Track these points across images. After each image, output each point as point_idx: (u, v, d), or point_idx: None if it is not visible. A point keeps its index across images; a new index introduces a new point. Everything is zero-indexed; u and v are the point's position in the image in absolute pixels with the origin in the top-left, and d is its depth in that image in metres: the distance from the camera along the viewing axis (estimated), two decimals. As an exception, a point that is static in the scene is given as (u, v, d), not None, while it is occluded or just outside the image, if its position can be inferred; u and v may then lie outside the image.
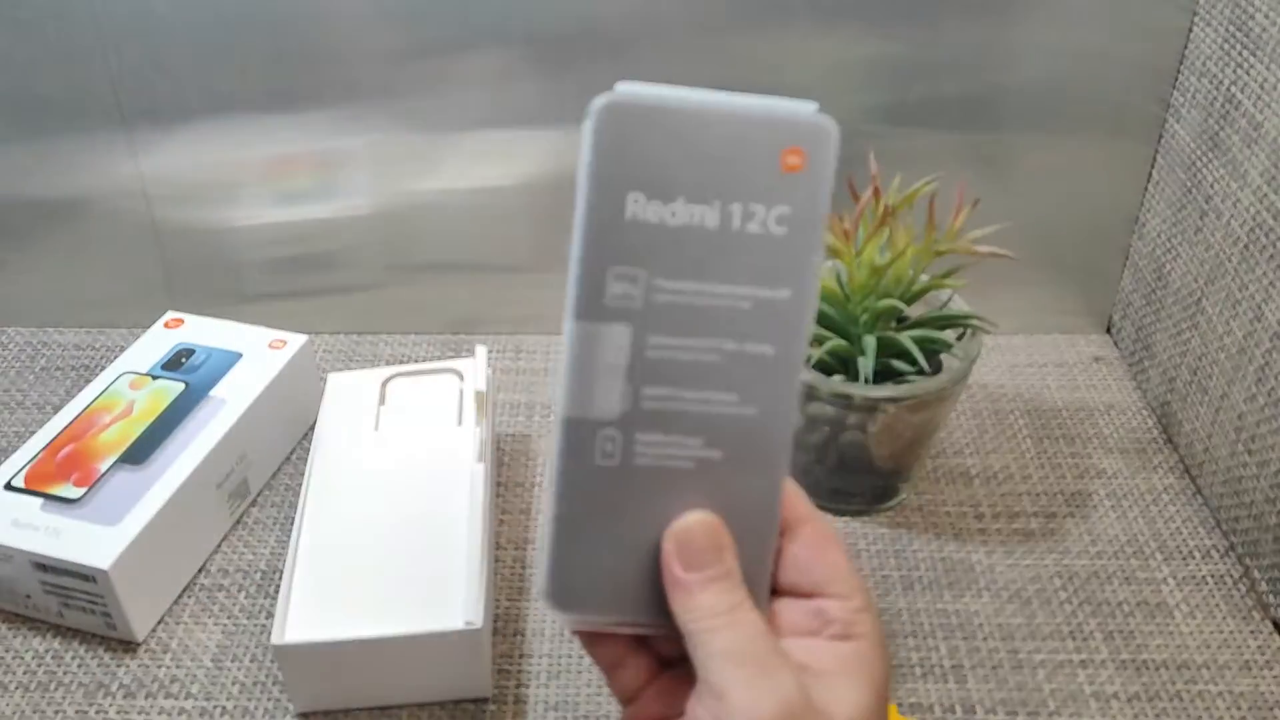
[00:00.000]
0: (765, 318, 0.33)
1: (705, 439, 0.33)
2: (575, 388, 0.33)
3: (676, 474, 0.33)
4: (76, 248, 0.72)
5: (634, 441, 0.33)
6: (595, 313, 0.33)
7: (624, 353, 0.33)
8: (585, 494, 0.33)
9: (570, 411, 0.33)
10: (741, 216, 0.33)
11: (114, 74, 0.66)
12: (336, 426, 0.60)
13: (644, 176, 0.32)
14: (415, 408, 0.61)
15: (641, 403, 0.33)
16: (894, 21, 0.64)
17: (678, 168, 0.33)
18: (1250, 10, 0.58)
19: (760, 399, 0.34)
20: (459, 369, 0.64)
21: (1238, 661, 0.53)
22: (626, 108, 0.33)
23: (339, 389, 0.63)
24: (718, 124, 0.33)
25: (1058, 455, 0.65)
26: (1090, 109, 0.66)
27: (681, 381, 0.33)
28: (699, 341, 0.33)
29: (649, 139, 0.33)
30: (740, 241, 0.33)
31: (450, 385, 0.63)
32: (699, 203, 0.33)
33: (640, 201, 0.33)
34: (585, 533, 0.34)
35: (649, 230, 0.32)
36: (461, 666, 0.50)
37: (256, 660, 0.53)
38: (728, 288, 0.33)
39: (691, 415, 0.33)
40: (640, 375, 0.33)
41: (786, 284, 0.33)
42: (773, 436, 0.34)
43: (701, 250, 0.33)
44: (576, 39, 0.65)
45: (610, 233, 0.32)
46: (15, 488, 0.55)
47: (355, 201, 0.71)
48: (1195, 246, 0.63)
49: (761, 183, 0.33)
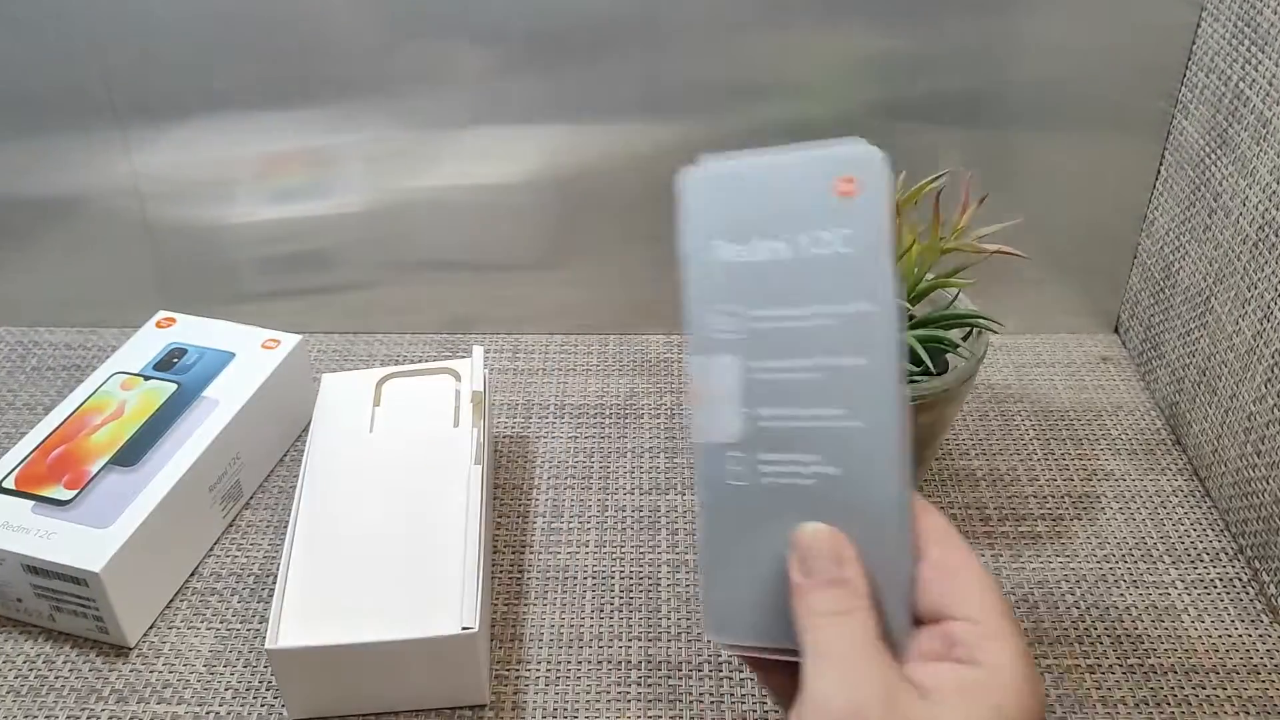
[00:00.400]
0: (851, 332, 0.36)
1: (822, 455, 0.36)
2: (701, 415, 0.37)
3: (801, 492, 0.36)
4: (68, 246, 0.72)
5: (758, 461, 0.36)
6: (705, 347, 0.37)
7: (736, 379, 0.37)
8: (723, 514, 0.37)
9: (700, 436, 0.37)
10: (810, 243, 0.36)
11: (107, 71, 0.65)
12: (331, 428, 0.59)
13: (724, 226, 0.38)
14: (411, 409, 0.61)
15: (759, 423, 0.36)
16: (899, 18, 0.63)
17: (750, 212, 0.38)
18: (1259, 6, 0.57)
19: (864, 411, 0.35)
20: (455, 369, 0.63)
21: (1246, 666, 0.52)
22: (705, 174, 0.39)
23: (333, 390, 0.62)
24: (779, 170, 0.38)
25: (1065, 457, 0.64)
26: (1097, 106, 0.66)
27: (790, 401, 0.36)
28: (798, 362, 0.36)
29: (725, 195, 0.38)
30: (813, 266, 0.36)
31: (446, 386, 0.62)
32: (771, 239, 0.37)
33: (724, 246, 0.38)
34: (727, 555, 0.37)
35: (736, 269, 0.37)
36: (458, 672, 0.49)
37: (250, 665, 0.52)
38: (812, 308, 0.36)
39: (805, 432, 0.36)
40: (753, 398, 0.36)
41: (863, 298, 0.36)
42: (884, 448, 0.35)
43: (783, 279, 0.37)
44: (574, 37, 0.64)
45: (706, 277, 0.38)
46: (6, 490, 0.54)
47: (350, 199, 0.70)
48: (1204, 245, 0.63)
49: (822, 211, 0.36)
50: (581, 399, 0.70)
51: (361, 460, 0.57)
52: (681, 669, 0.52)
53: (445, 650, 0.48)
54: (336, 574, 0.51)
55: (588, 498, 0.62)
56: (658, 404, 0.69)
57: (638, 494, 0.62)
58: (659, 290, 0.74)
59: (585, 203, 0.70)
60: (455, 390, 0.62)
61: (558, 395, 0.70)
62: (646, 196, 0.69)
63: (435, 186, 0.70)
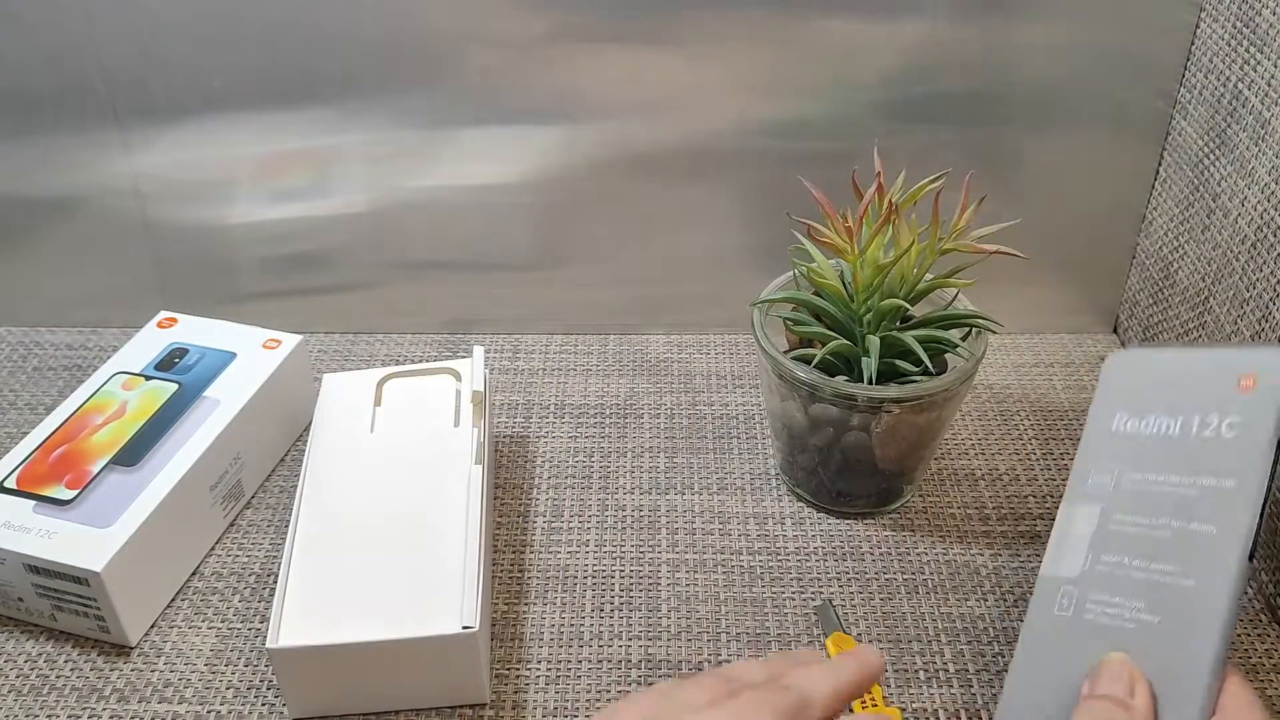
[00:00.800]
0: (1211, 502, 0.39)
1: (1147, 603, 0.39)
2: (1053, 552, 0.42)
3: (1117, 631, 0.39)
4: (69, 247, 0.72)
5: (1086, 598, 0.40)
6: (1078, 498, 0.42)
7: (1092, 525, 0.41)
8: (1041, 637, 0.41)
9: (1046, 570, 0.42)
10: (1199, 425, 0.41)
11: (106, 71, 0.65)
12: (332, 427, 0.59)
13: (1128, 400, 0.43)
14: (412, 409, 0.61)
15: (1097, 566, 0.41)
16: (899, 18, 0.63)
17: (1155, 391, 0.43)
18: (1257, 6, 0.57)
19: (1199, 572, 0.38)
20: (456, 369, 0.63)
21: (1245, 665, 0.52)
22: (1129, 355, 0.45)
23: (334, 389, 0.62)
24: (1194, 361, 0.43)
25: (1064, 457, 0.65)
26: (1096, 106, 0.66)
27: (1133, 551, 0.40)
28: (1152, 520, 0.40)
29: (1141, 377, 0.43)
30: (1196, 444, 0.41)
31: (447, 386, 0.62)
32: (1167, 416, 0.42)
33: (1123, 418, 0.43)
34: (1036, 673, 0.41)
35: (1127, 438, 0.42)
36: (458, 671, 0.49)
37: (251, 664, 0.53)
38: (1181, 478, 0.40)
39: (1137, 580, 0.39)
40: (1100, 543, 0.41)
41: (1233, 476, 0.39)
42: (1209, 608, 0.37)
43: (1164, 450, 0.41)
44: (575, 37, 0.64)
45: (1099, 442, 0.43)
46: (7, 489, 0.54)
47: (350, 199, 0.70)
48: (1202, 245, 0.63)
49: (1219, 399, 0.41)
50: (581, 399, 0.70)
51: (362, 460, 0.57)
52: (681, 668, 0.52)
53: (445, 649, 0.48)
54: (337, 573, 0.51)
55: (588, 498, 0.62)
56: (658, 404, 0.69)
57: (638, 494, 0.62)
58: (659, 290, 0.74)
59: (585, 203, 0.70)
60: (456, 390, 0.62)
61: (558, 395, 0.70)
62: (646, 197, 0.70)
63: (435, 186, 0.70)
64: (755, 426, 0.67)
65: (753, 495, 0.62)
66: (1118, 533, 0.41)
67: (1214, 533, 0.38)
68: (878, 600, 0.56)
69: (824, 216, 0.55)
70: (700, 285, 0.73)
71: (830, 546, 0.59)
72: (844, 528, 0.60)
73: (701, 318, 0.75)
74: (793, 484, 0.62)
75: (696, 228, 0.71)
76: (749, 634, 0.54)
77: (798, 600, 0.56)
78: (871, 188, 0.54)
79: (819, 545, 0.59)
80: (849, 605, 0.55)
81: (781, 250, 0.58)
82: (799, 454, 0.60)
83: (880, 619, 0.55)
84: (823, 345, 0.55)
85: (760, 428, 0.67)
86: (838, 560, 0.58)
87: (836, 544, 0.59)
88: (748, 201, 0.70)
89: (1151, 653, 0.38)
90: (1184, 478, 0.40)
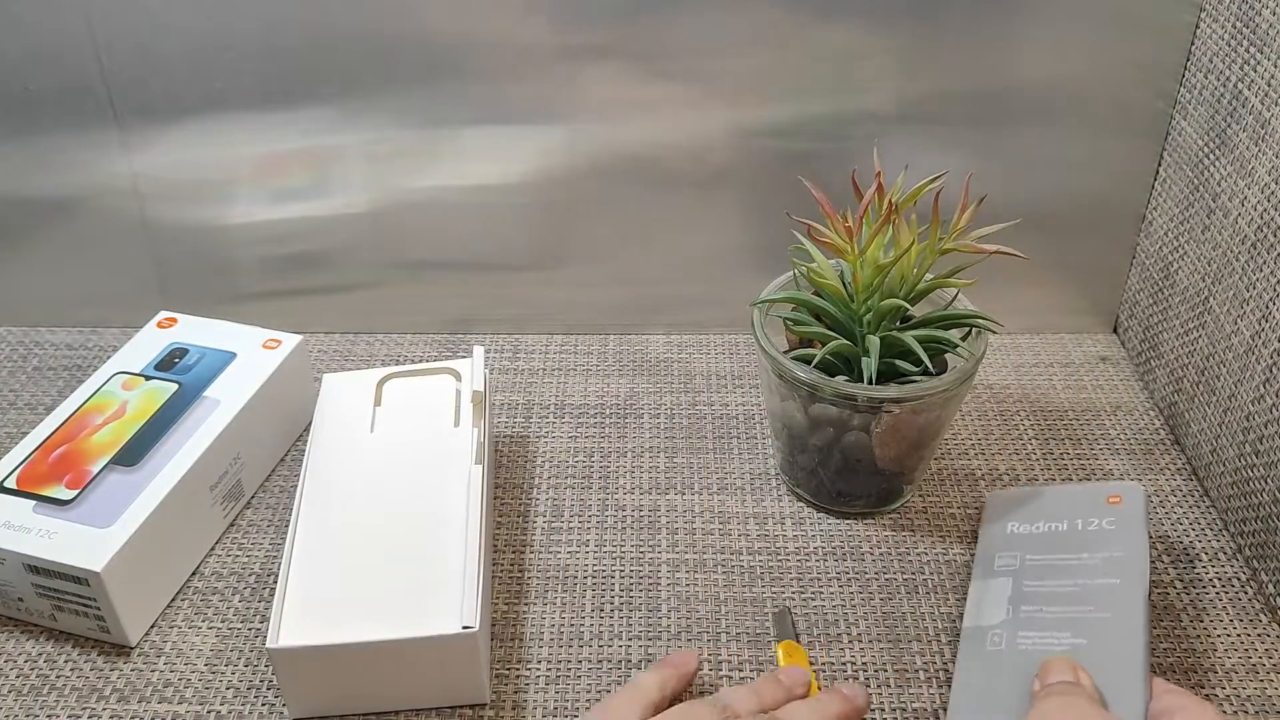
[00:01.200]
0: (1110, 565, 0.51)
1: (1072, 633, 0.48)
2: (973, 610, 0.53)
3: (1051, 654, 0.47)
4: (68, 247, 0.72)
5: (1016, 635, 0.50)
6: (989, 574, 0.54)
7: (1007, 591, 0.52)
8: (979, 671, 0.49)
9: (969, 623, 0.52)
10: (1083, 524, 0.54)
11: (106, 71, 0.65)
12: (331, 428, 0.59)
13: (1018, 515, 0.56)
14: (411, 409, 0.61)
15: (1019, 614, 0.51)
16: (897, 18, 0.63)
17: (1040, 509, 0.56)
18: (1257, 7, 0.57)
19: (1113, 608, 0.49)
20: (456, 369, 0.63)
21: (1245, 665, 0.52)
22: (1007, 493, 0.59)
23: (334, 390, 0.62)
24: (1066, 491, 0.57)
25: (1064, 457, 0.65)
26: (1096, 106, 0.66)
27: (1049, 602, 0.50)
28: (1061, 581, 0.51)
29: (1023, 501, 0.57)
30: (1084, 534, 0.53)
31: (447, 386, 0.62)
32: (1054, 521, 0.55)
33: (1015, 525, 0.56)
34: (978, 700, 0.48)
35: (1022, 536, 0.55)
36: (459, 671, 0.49)
37: (251, 664, 0.53)
38: (1078, 555, 0.52)
39: (1059, 619, 0.49)
40: (1018, 600, 0.51)
41: (1121, 548, 0.51)
42: (1128, 628, 0.47)
43: (1059, 539, 0.53)
44: (575, 38, 0.64)
45: (999, 540, 0.56)
46: (7, 489, 0.54)
47: (350, 199, 0.70)
48: (1202, 245, 0.63)
49: (1095, 509, 0.54)
50: (581, 399, 0.70)
51: (362, 460, 0.57)
52: (681, 668, 0.52)
53: (446, 649, 0.48)
54: (337, 574, 0.51)
55: (588, 498, 0.62)
56: (657, 404, 0.69)
57: (638, 494, 0.62)
58: (659, 290, 0.74)
59: (585, 203, 0.70)
60: (456, 390, 0.62)
61: (558, 395, 0.70)
62: (647, 197, 0.70)
63: (435, 186, 0.70)
64: (755, 426, 0.67)
65: (753, 495, 0.62)
66: (1032, 593, 0.51)
67: (1118, 583, 0.49)
68: (878, 600, 0.56)
69: (824, 216, 0.55)
70: (700, 285, 0.73)
71: (830, 546, 0.59)
72: (844, 528, 0.60)
73: (701, 318, 0.75)
74: (793, 484, 0.62)
75: (696, 228, 0.71)
76: (749, 634, 0.54)
77: (798, 600, 0.56)
78: (871, 188, 0.54)
79: (819, 545, 0.59)
80: (849, 605, 0.55)
81: (781, 250, 0.58)
82: (799, 454, 0.60)
83: (880, 619, 0.55)
84: (823, 345, 0.55)
85: (760, 428, 0.67)
86: (838, 560, 0.58)
87: (836, 544, 0.59)
88: (748, 202, 0.70)
89: (1088, 663, 0.46)
90: (1080, 554, 0.52)
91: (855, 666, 0.52)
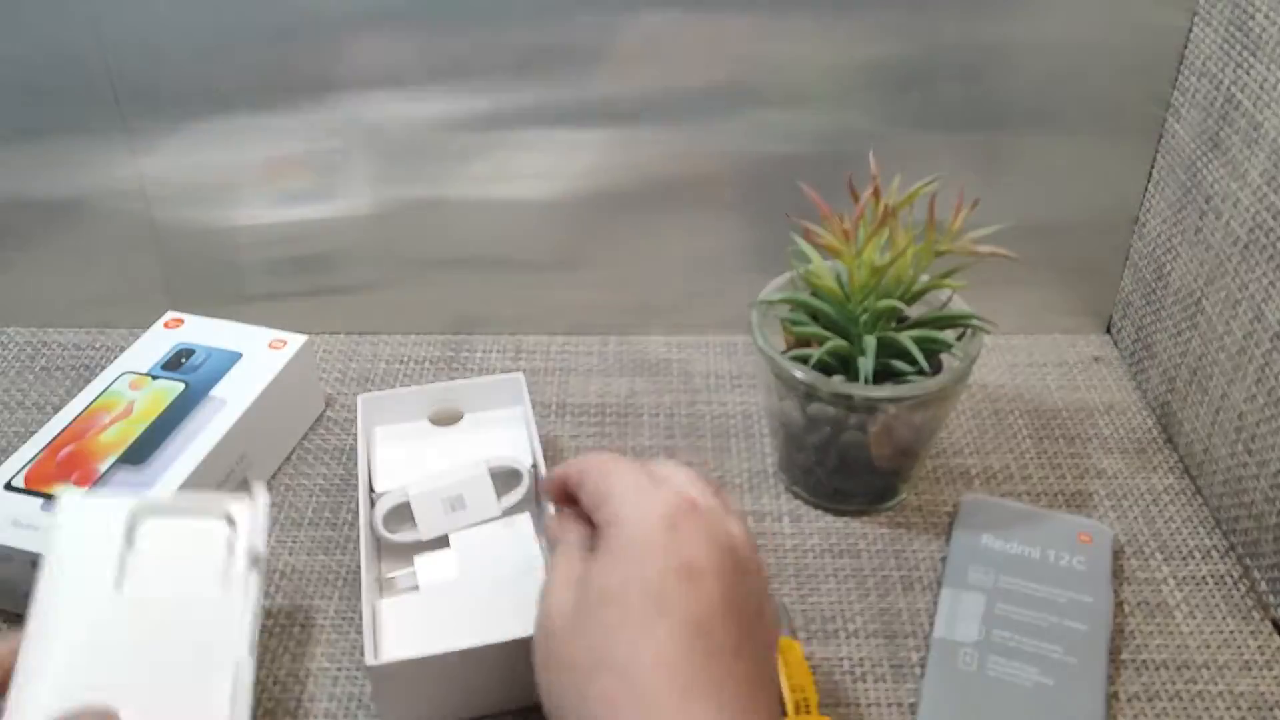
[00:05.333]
0: (1079, 610, 0.53)
1: (1040, 670, 0.51)
2: (945, 621, 0.53)
3: (1019, 688, 0.50)
4: (76, 248, 0.72)
5: (987, 658, 0.51)
6: (962, 585, 0.55)
7: (980, 608, 0.53)
8: (949, 687, 0.50)
9: (941, 634, 0.53)
10: (1055, 556, 0.56)
11: (113, 74, 0.66)
12: (68, 571, 0.42)
13: (991, 529, 0.58)
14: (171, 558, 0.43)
15: (992, 637, 0.52)
16: (893, 20, 0.64)
17: (1013, 529, 0.57)
18: (1250, 10, 0.58)
19: (1078, 654, 0.51)
20: (229, 511, 0.45)
21: (1238, 661, 0.53)
22: (980, 500, 0.60)
23: (74, 519, 0.44)
24: (1039, 516, 0.59)
25: (1058, 455, 0.65)
26: (1090, 109, 0.66)
27: (1021, 632, 0.52)
28: (1033, 613, 0.53)
29: (997, 515, 0.59)
30: (1056, 568, 0.55)
31: (216, 536, 0.44)
32: (1027, 546, 0.57)
33: (989, 538, 0.57)
34: (947, 711, 0.50)
35: (996, 552, 0.56)
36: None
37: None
38: (1049, 588, 0.54)
39: (1029, 653, 0.51)
40: (990, 621, 0.53)
41: (1089, 593, 0.54)
42: (1091, 676, 0.50)
43: (1032, 567, 0.55)
44: (576, 40, 0.65)
45: (973, 550, 0.57)
46: (15, 488, 0.55)
47: (355, 201, 0.71)
48: (1195, 246, 0.63)
49: (1067, 545, 0.56)
50: (581, 399, 0.70)
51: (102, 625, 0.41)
52: (680, 663, 0.53)
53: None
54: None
55: (588, 496, 0.63)
56: (657, 404, 0.70)
57: (638, 492, 0.63)
58: (659, 291, 0.75)
59: (587, 203, 0.70)
60: (226, 541, 0.44)
61: (558, 395, 0.70)
62: (648, 197, 0.70)
63: (440, 189, 0.70)
64: (754, 426, 0.68)
65: (751, 493, 0.63)
66: (1004, 617, 0.53)
67: (1085, 630, 0.52)
68: (874, 596, 0.56)
69: (821, 219, 0.56)
70: (700, 285, 0.74)
71: (827, 544, 0.59)
72: (841, 525, 0.60)
73: (701, 318, 0.75)
74: (790, 482, 0.63)
75: (696, 229, 0.72)
76: (747, 630, 0.55)
77: (795, 596, 0.56)
78: (867, 191, 0.54)
79: (816, 542, 0.59)
80: (845, 601, 0.56)
81: (780, 252, 0.59)
82: (797, 453, 0.60)
83: (876, 615, 0.55)
84: (820, 345, 0.55)
85: (759, 427, 0.68)
86: (834, 557, 0.59)
87: (833, 541, 0.60)
88: (747, 203, 0.70)
89: (1051, 704, 0.49)
90: (1052, 589, 0.54)
91: (851, 662, 0.53)
